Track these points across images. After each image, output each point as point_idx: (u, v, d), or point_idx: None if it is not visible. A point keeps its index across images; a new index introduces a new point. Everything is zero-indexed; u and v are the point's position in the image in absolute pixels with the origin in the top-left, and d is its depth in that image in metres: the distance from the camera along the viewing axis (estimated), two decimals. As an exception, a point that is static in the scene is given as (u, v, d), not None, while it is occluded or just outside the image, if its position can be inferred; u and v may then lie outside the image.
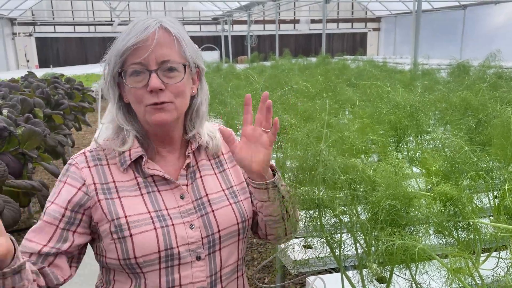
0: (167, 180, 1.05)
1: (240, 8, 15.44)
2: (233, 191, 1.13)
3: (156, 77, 0.98)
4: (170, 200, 1.04)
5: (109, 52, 1.03)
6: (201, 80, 1.12)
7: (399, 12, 17.98)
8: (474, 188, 1.32)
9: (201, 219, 1.05)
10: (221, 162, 1.17)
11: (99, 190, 1.02)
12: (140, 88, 0.99)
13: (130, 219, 0.99)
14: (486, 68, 3.53)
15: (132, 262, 0.99)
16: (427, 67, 5.03)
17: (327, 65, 5.95)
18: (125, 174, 1.04)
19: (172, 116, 1.02)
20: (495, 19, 13.37)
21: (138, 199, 1.02)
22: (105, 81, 1.05)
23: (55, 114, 4.76)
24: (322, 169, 1.06)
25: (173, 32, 1.01)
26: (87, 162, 1.05)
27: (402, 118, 1.91)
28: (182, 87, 1.02)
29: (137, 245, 0.98)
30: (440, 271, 0.97)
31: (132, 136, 1.04)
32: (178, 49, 1.02)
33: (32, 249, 0.99)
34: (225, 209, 1.09)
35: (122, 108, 1.06)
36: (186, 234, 1.02)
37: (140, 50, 0.98)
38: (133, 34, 0.98)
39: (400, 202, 1.01)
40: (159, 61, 0.99)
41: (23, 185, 2.82)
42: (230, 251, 1.10)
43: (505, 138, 1.49)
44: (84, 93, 7.11)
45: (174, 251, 1.00)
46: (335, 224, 1.10)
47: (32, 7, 16.66)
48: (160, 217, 1.01)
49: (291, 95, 2.49)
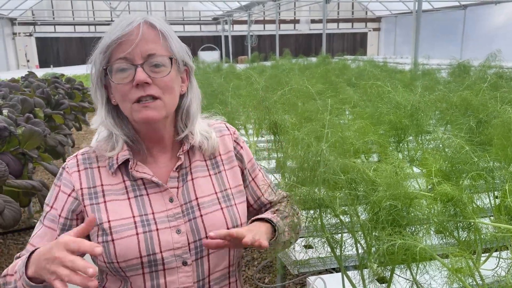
0: (156, 183, 1.03)
1: (240, 8, 15.43)
2: (226, 195, 1.10)
3: (141, 70, 0.96)
4: (158, 203, 1.03)
5: (94, 52, 1.01)
6: (190, 78, 1.09)
7: (399, 12, 17.98)
8: (474, 188, 1.32)
9: (189, 224, 1.03)
10: (217, 163, 1.13)
11: (85, 195, 1.01)
12: (126, 84, 0.97)
13: (113, 224, 0.99)
14: (487, 68, 3.53)
15: (116, 266, 0.99)
16: (427, 67, 5.03)
17: (327, 65, 5.95)
18: (113, 177, 1.03)
19: (160, 114, 0.99)
20: (495, 19, 13.37)
21: (124, 203, 1.01)
22: (92, 83, 1.03)
23: (55, 114, 4.76)
24: (323, 169, 1.06)
25: (158, 27, 0.99)
26: (77, 165, 1.04)
27: (403, 118, 1.91)
28: (170, 82, 1.00)
29: (118, 250, 0.97)
30: (441, 271, 0.97)
31: (121, 141, 1.03)
32: (163, 43, 1.00)
33: None
34: (214, 214, 1.06)
35: (110, 111, 1.04)
36: (172, 239, 1.00)
37: (124, 44, 0.96)
38: (118, 29, 0.97)
39: (401, 202, 1.01)
40: (144, 55, 0.97)
41: (23, 185, 2.82)
42: (220, 258, 1.07)
43: (505, 138, 1.49)
44: (85, 93, 7.11)
45: (157, 256, 0.99)
46: (336, 224, 1.09)
47: (32, 7, 16.67)
48: (144, 222, 1.00)
49: (292, 95, 2.48)
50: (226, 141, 1.16)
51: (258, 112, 2.28)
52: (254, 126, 2.55)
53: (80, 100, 6.49)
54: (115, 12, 16.02)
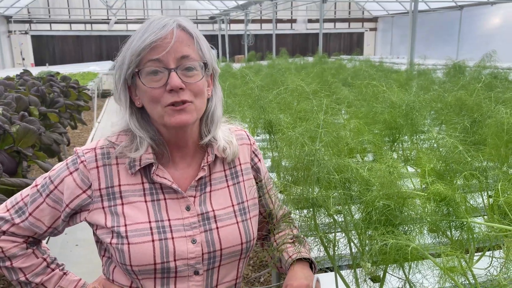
0: (176, 189, 1.02)
1: (237, 7, 15.42)
2: (243, 207, 1.09)
3: (176, 75, 0.95)
4: (175, 210, 1.02)
5: (122, 53, 0.98)
6: (215, 83, 1.08)
7: (396, 12, 18.02)
8: (468, 188, 1.32)
9: (204, 235, 1.02)
10: (237, 174, 1.12)
11: (104, 196, 1.00)
12: (158, 88, 0.95)
13: (129, 228, 0.98)
14: (482, 69, 3.55)
15: (128, 268, 0.99)
16: (423, 67, 5.05)
17: (323, 64, 5.96)
18: (132, 177, 1.02)
19: (192, 117, 0.98)
20: (491, 20, 13.43)
21: (141, 206, 1.00)
22: (115, 85, 1.01)
23: (50, 112, 4.74)
24: (317, 169, 1.06)
25: (191, 30, 0.99)
26: (96, 161, 1.01)
27: (397, 118, 1.91)
28: (201, 87, 0.99)
29: (133, 254, 0.97)
30: (434, 270, 0.97)
31: (146, 143, 1.01)
32: (196, 48, 0.99)
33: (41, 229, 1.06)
34: (230, 228, 1.05)
35: (134, 113, 1.02)
36: (187, 249, 0.99)
37: (158, 48, 0.94)
38: (150, 32, 0.94)
39: (394, 201, 1.01)
40: (178, 57, 0.95)
41: (17, 184, 2.80)
42: (229, 269, 1.08)
43: (499, 138, 1.49)
44: (80, 91, 7.08)
45: (170, 264, 0.98)
46: (329, 224, 1.09)
47: (28, 4, 16.57)
48: (160, 229, 0.99)
49: (287, 94, 2.48)
50: (245, 151, 1.16)
51: (253, 111, 2.28)
52: (249, 125, 2.55)
53: (75, 98, 6.45)
54: (112, 10, 15.95)
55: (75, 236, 3.25)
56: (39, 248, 1.10)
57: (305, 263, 1.11)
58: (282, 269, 1.16)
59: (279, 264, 1.17)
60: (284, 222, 1.22)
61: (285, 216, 1.24)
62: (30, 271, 1.06)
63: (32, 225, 1.03)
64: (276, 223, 1.23)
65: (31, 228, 1.04)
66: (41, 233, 1.06)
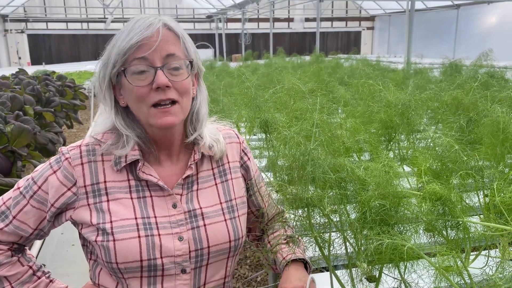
0: (162, 186, 1.02)
1: (234, 6, 15.40)
2: (231, 205, 1.09)
3: (162, 73, 0.94)
4: (161, 207, 1.01)
5: (106, 53, 0.98)
6: (199, 81, 1.08)
7: (393, 11, 18.05)
8: (464, 187, 1.32)
9: (191, 232, 1.01)
10: (225, 171, 1.12)
11: (89, 193, 1.00)
12: (144, 87, 0.95)
13: (115, 224, 0.97)
14: (478, 68, 3.56)
15: (114, 266, 0.98)
16: (420, 66, 5.06)
17: (320, 63, 5.96)
18: (118, 174, 1.01)
19: (178, 118, 0.98)
20: (488, 19, 13.47)
21: (127, 202, 1.00)
22: (100, 84, 1.00)
23: (45, 112, 4.71)
24: (311, 168, 1.05)
25: (176, 30, 0.99)
26: (81, 157, 1.01)
27: (393, 117, 1.91)
28: (187, 85, 0.99)
29: (119, 251, 0.96)
30: (429, 270, 0.97)
31: (132, 141, 1.00)
32: (182, 47, 0.99)
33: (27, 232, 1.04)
34: (218, 225, 1.05)
35: (120, 112, 1.02)
36: (173, 246, 0.99)
37: (144, 46, 0.94)
38: (136, 31, 0.94)
39: (390, 201, 1.01)
40: (163, 55, 0.95)
41: (12, 184, 2.78)
42: (217, 268, 1.07)
43: (494, 137, 1.49)
44: (76, 90, 7.05)
45: (157, 261, 0.97)
46: (325, 224, 1.09)
47: (24, 3, 16.50)
48: (146, 225, 0.98)
49: (283, 94, 2.48)
50: (234, 149, 1.16)
51: (249, 110, 2.27)
52: (246, 124, 2.54)
53: (71, 97, 6.42)
54: (108, 9, 15.90)
55: (71, 235, 3.24)
56: (24, 255, 1.09)
57: (300, 263, 1.10)
58: (277, 270, 1.15)
59: (274, 265, 1.16)
60: (277, 221, 1.21)
61: (278, 215, 1.23)
62: (15, 280, 1.04)
63: (17, 229, 1.02)
64: (269, 223, 1.22)
65: (16, 231, 1.02)
66: (27, 236, 1.04)
